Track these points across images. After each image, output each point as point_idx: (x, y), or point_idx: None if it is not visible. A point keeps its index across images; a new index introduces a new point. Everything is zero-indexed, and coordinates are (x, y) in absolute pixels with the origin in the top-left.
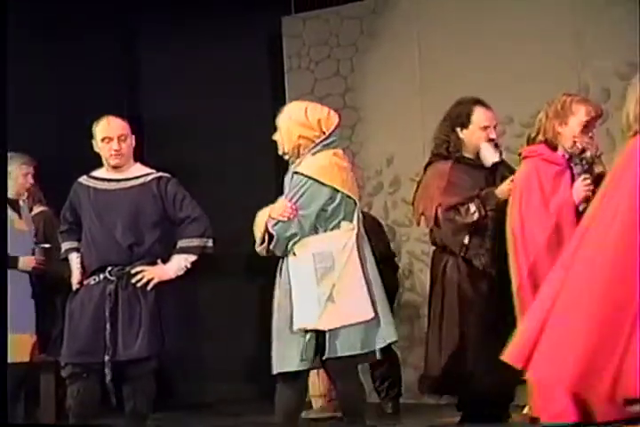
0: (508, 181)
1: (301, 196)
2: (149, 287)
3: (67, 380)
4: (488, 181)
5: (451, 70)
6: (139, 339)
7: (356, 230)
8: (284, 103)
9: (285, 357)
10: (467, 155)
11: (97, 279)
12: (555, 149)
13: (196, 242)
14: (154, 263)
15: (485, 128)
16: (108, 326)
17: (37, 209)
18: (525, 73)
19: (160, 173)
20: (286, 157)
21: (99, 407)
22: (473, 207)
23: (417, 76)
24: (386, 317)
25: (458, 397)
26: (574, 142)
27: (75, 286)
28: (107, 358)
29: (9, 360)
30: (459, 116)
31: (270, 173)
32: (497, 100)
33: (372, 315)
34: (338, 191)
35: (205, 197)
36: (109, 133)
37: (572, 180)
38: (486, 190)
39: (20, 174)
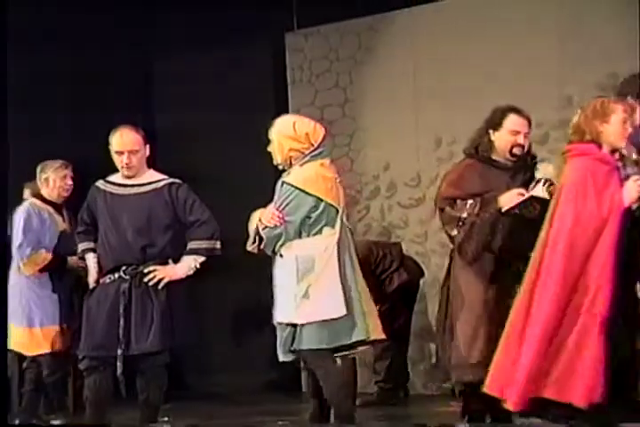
0: (514, 192)
1: (288, 204)
2: (161, 286)
3: (84, 372)
4: (506, 183)
5: (442, 83)
6: (151, 334)
7: (337, 236)
8: (287, 113)
9: (278, 347)
10: (494, 156)
11: (112, 278)
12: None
13: (205, 244)
14: (165, 264)
15: (515, 133)
16: (122, 321)
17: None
18: (512, 85)
19: (171, 179)
20: (280, 167)
21: (113, 398)
22: (468, 204)
23: (411, 87)
24: (359, 315)
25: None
26: (621, 139)
27: (91, 284)
28: (119, 351)
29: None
30: (493, 119)
31: (273, 179)
32: (485, 110)
33: (344, 313)
34: (321, 200)
35: (213, 201)
36: (121, 148)
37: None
38: (490, 194)
39: (57, 178)
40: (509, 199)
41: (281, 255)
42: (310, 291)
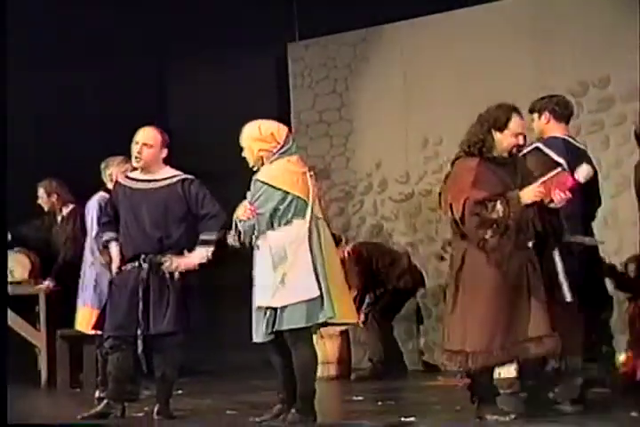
0: (534, 187)
1: (258, 198)
2: (176, 273)
3: (108, 350)
4: (511, 178)
5: (430, 89)
6: (167, 316)
7: (307, 225)
8: (289, 115)
9: (256, 330)
10: (495, 154)
11: (132, 266)
12: None
13: (215, 235)
14: (180, 253)
15: (517, 135)
16: (141, 305)
17: (70, 206)
18: (491, 91)
19: (185, 176)
20: (255, 169)
21: (133, 373)
22: (499, 205)
23: (400, 93)
24: (328, 297)
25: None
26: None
27: (114, 271)
28: (139, 332)
29: None
30: (497, 119)
31: None
32: (467, 114)
33: (317, 294)
34: (288, 193)
35: (222, 196)
36: (138, 139)
37: None
38: (512, 193)
39: (119, 172)
40: (532, 194)
41: (257, 247)
42: (285, 277)
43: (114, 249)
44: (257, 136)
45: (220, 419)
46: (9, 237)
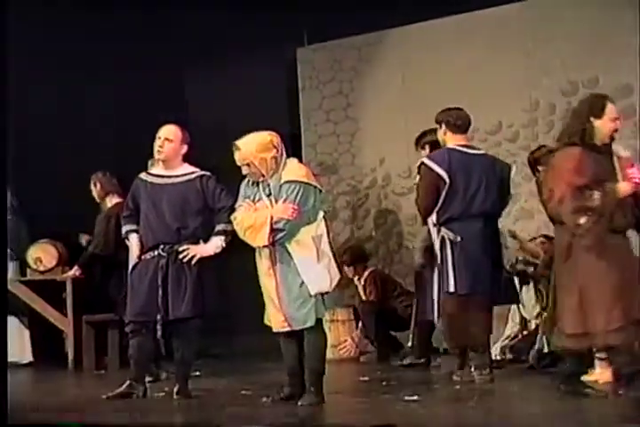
0: (629, 182)
1: (300, 198)
2: (193, 262)
3: (129, 334)
4: (609, 164)
5: (429, 90)
6: (185, 302)
7: (323, 214)
8: (299, 115)
9: (296, 316)
10: (597, 142)
11: (152, 255)
12: None
13: (230, 226)
14: (197, 243)
15: (615, 119)
16: (160, 292)
17: (114, 200)
18: (488, 92)
19: (203, 172)
20: (261, 180)
21: (153, 356)
22: (596, 195)
23: (402, 93)
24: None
25: None
26: None
27: (134, 260)
28: (159, 317)
29: None
30: (593, 106)
31: None
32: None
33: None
34: (316, 188)
35: (236, 191)
36: (160, 134)
37: None
38: (610, 186)
39: None
40: (628, 187)
41: (297, 241)
42: (328, 264)
43: (134, 240)
44: (264, 148)
45: (235, 398)
46: None
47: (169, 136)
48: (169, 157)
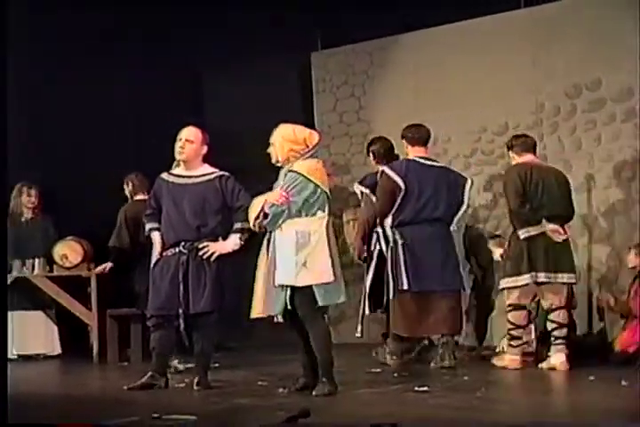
0: None
1: (294, 187)
2: (212, 258)
3: (151, 328)
4: None
5: (439, 93)
6: (204, 297)
7: (326, 218)
8: (313, 117)
9: (268, 304)
10: None
11: (173, 252)
12: None
13: (247, 224)
14: (216, 240)
15: None
16: (181, 287)
17: (139, 197)
18: (495, 94)
19: (222, 172)
20: (278, 165)
21: (174, 349)
22: None
23: (412, 96)
24: (341, 282)
25: None
26: None
27: (156, 256)
28: (180, 311)
29: None
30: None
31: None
32: (474, 114)
33: (333, 279)
34: (318, 187)
35: (253, 190)
36: (181, 136)
37: None
38: None
39: None
40: None
41: (281, 229)
42: (308, 261)
43: (156, 237)
44: (290, 138)
45: (253, 389)
46: None
47: (190, 137)
48: (190, 158)
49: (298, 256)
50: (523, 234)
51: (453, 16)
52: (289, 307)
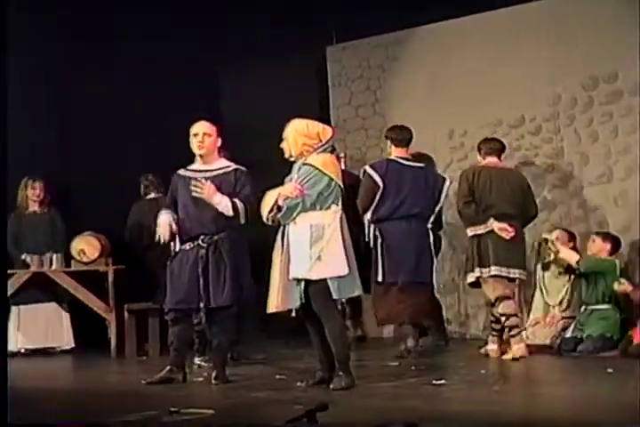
0: None
1: (308, 180)
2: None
3: (169, 322)
4: None
5: (454, 85)
6: (224, 291)
7: (340, 212)
8: (328, 111)
9: (284, 298)
10: None
11: (191, 245)
12: None
13: (242, 206)
14: (234, 233)
15: None
16: (201, 281)
17: (153, 195)
18: (512, 86)
19: (238, 166)
20: (292, 159)
21: (193, 343)
22: None
23: (428, 89)
24: (356, 275)
25: None
26: None
27: (161, 235)
28: (201, 305)
29: None
30: None
31: None
32: (490, 107)
33: (347, 272)
34: (333, 180)
35: (266, 183)
36: (197, 130)
37: None
38: None
39: None
40: None
41: (295, 223)
42: (322, 254)
43: (164, 219)
44: (304, 132)
45: (270, 383)
46: None
47: (207, 131)
48: (210, 151)
49: (312, 250)
50: (470, 232)
51: (469, 9)
52: (303, 301)
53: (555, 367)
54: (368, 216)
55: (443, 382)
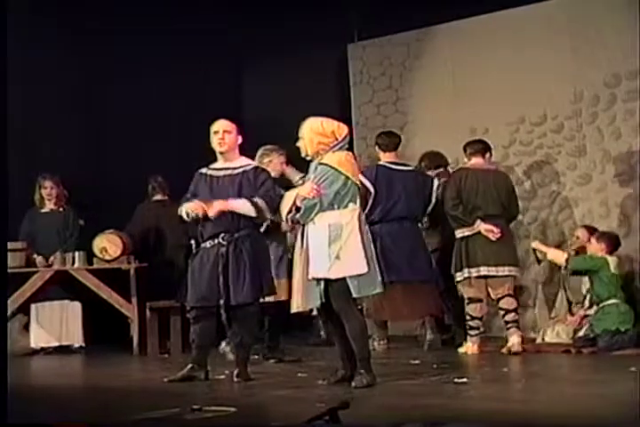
0: None
1: (325, 180)
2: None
3: (191, 320)
4: None
5: (476, 83)
6: (245, 289)
7: (358, 211)
8: (350, 109)
9: (305, 298)
10: None
11: (212, 243)
12: None
13: (262, 202)
14: (254, 231)
15: None
16: (221, 279)
17: (159, 197)
18: (534, 84)
19: (258, 164)
20: (308, 158)
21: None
22: None
23: (450, 88)
24: (376, 274)
25: None
26: None
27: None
28: (222, 302)
29: None
30: None
31: None
32: (512, 104)
33: (366, 270)
34: (349, 179)
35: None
36: (217, 128)
37: None
38: None
39: (278, 162)
40: None
41: (314, 223)
42: (341, 253)
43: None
44: (319, 131)
45: (292, 381)
46: None
47: (227, 128)
48: (231, 148)
49: (330, 249)
50: (459, 234)
51: (490, 6)
52: (323, 300)
53: (576, 366)
54: None
55: (464, 380)
